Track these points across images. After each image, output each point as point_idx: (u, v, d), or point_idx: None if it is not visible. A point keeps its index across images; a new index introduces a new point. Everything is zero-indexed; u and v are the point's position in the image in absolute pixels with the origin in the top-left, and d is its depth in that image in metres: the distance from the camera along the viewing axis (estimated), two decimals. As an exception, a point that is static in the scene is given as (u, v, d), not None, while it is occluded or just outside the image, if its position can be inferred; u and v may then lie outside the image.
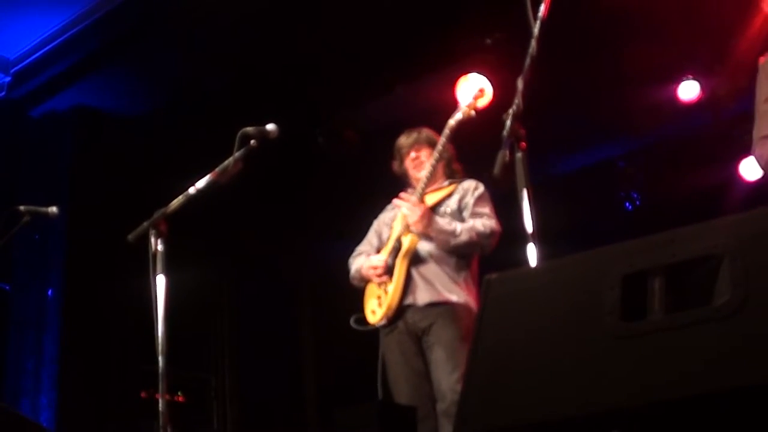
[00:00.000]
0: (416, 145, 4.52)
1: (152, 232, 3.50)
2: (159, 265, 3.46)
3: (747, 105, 7.11)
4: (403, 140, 4.58)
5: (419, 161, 4.49)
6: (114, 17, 5.99)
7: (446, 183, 4.46)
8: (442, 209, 4.35)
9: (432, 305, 4.20)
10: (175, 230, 3.54)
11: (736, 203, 7.43)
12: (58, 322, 6.32)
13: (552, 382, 1.78)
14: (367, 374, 4.40)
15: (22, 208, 4.49)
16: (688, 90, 6.82)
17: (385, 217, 4.62)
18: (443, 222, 4.24)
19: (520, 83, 2.74)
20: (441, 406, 4.10)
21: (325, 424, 7.34)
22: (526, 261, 2.60)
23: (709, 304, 1.66)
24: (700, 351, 1.62)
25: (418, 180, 4.46)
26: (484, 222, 4.26)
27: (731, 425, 1.64)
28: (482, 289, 1.96)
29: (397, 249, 4.29)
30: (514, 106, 2.70)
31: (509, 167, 2.63)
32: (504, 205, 4.26)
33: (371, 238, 4.63)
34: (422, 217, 4.18)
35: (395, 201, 4.41)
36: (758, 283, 1.61)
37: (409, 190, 4.56)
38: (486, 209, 4.34)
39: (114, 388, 6.44)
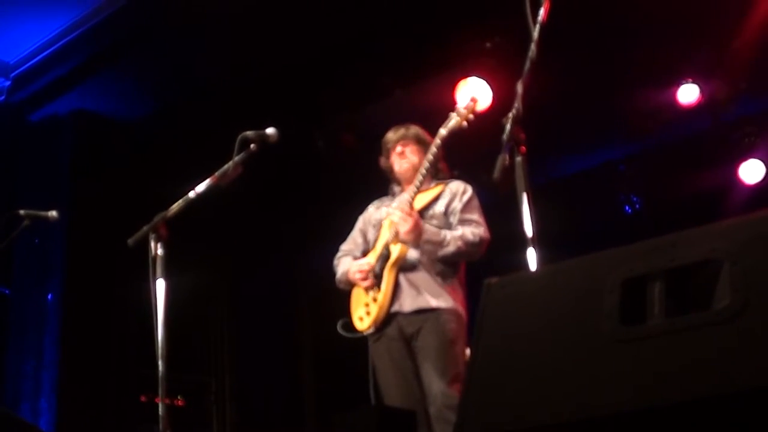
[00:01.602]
0: (403, 140, 4.49)
1: (152, 236, 3.50)
2: (159, 269, 3.46)
3: (746, 108, 7.16)
4: (390, 135, 4.54)
5: (404, 156, 4.46)
6: (113, 21, 5.99)
7: (432, 184, 4.41)
8: (429, 213, 4.32)
9: (418, 312, 4.19)
10: (174, 234, 3.54)
11: (736, 207, 7.44)
12: (58, 325, 6.31)
13: (551, 386, 1.78)
14: (366, 378, 4.39)
15: (22, 212, 4.50)
16: (688, 93, 6.82)
17: (370, 216, 4.57)
18: (432, 231, 4.21)
19: (519, 87, 2.74)
20: (432, 410, 4.08)
21: (324, 427, 7.33)
22: (526, 265, 2.60)
23: (708, 308, 1.66)
24: (700, 355, 1.62)
25: (401, 174, 4.45)
26: (473, 230, 4.23)
27: (731, 429, 1.64)
28: (482, 293, 1.96)
29: (385, 256, 4.26)
30: (514, 110, 2.70)
31: (509, 171, 2.64)
32: (504, 209, 4.24)
33: (356, 236, 4.60)
34: (414, 227, 4.15)
35: (389, 209, 4.39)
36: (758, 287, 1.61)
37: (395, 187, 4.55)
38: (474, 215, 4.31)
39: (114, 391, 6.43)
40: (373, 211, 4.57)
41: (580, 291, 1.84)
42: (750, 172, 7.53)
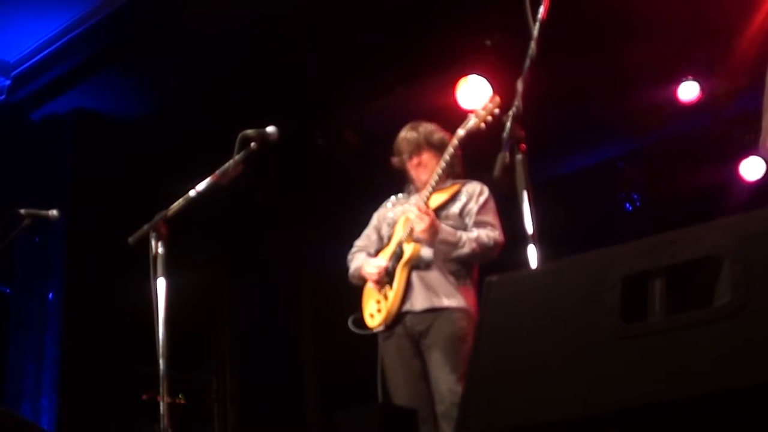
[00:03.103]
0: (416, 150, 4.43)
1: (152, 234, 3.50)
2: (159, 268, 3.46)
3: (747, 105, 7.15)
4: (404, 140, 4.47)
5: (422, 166, 4.43)
6: (113, 20, 6.00)
7: (448, 183, 4.39)
8: (443, 213, 4.31)
9: (429, 311, 4.20)
10: (175, 232, 3.54)
11: (737, 204, 7.43)
12: (59, 324, 6.32)
13: (553, 384, 1.78)
14: (369, 376, 4.40)
15: (22, 211, 4.49)
16: (688, 90, 6.82)
17: (385, 213, 4.57)
18: (448, 231, 4.20)
19: (519, 85, 2.74)
20: (440, 408, 4.09)
21: (326, 426, 7.33)
22: (526, 262, 2.60)
23: (709, 305, 1.66)
24: (701, 352, 1.62)
25: (420, 181, 4.44)
26: (488, 233, 4.22)
27: (732, 426, 1.64)
28: (483, 291, 1.96)
29: (398, 255, 4.26)
30: (514, 108, 2.70)
31: (509, 169, 2.64)
32: (504, 207, 4.25)
33: (370, 233, 4.59)
34: (429, 226, 4.14)
35: (406, 206, 4.38)
36: (759, 284, 1.61)
37: (411, 186, 4.54)
38: (489, 217, 4.30)
39: (115, 390, 6.44)
40: (389, 209, 4.57)
41: (580, 288, 1.84)
42: (750, 169, 7.52)
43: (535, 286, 1.96)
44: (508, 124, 2.68)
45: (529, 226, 2.63)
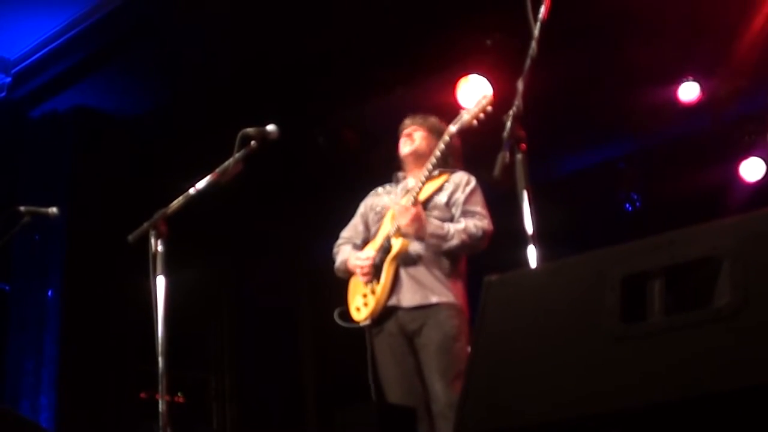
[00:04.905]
0: (414, 125, 4.48)
1: (152, 232, 3.50)
2: (159, 266, 3.46)
3: (747, 106, 7.15)
4: (406, 121, 4.54)
5: (410, 138, 4.45)
6: (114, 18, 6.00)
7: (436, 173, 4.34)
8: (431, 204, 4.28)
9: (419, 308, 4.19)
10: (175, 231, 3.54)
11: (736, 205, 7.44)
12: (58, 322, 6.32)
13: (551, 384, 1.78)
14: (367, 374, 4.39)
15: (22, 208, 4.49)
16: (689, 91, 6.82)
17: (372, 202, 4.55)
18: (436, 224, 4.19)
19: (520, 84, 2.74)
20: (435, 408, 4.07)
21: (324, 424, 7.34)
22: (526, 262, 2.60)
23: (709, 305, 1.66)
24: (700, 352, 1.62)
25: (403, 157, 4.45)
26: (476, 223, 4.21)
27: (731, 427, 1.64)
28: (482, 291, 1.95)
29: (386, 249, 4.25)
30: (515, 108, 2.70)
31: (509, 168, 2.64)
32: (504, 207, 4.24)
33: (357, 222, 4.57)
34: (413, 220, 4.14)
35: (392, 199, 4.39)
36: (758, 284, 1.61)
37: (399, 173, 4.54)
38: (477, 207, 4.28)
39: (114, 388, 6.43)
40: (376, 198, 4.56)
41: (580, 288, 1.84)
42: (750, 170, 7.53)
43: (534, 286, 1.96)
44: (509, 124, 2.68)
45: (528, 226, 2.63)
